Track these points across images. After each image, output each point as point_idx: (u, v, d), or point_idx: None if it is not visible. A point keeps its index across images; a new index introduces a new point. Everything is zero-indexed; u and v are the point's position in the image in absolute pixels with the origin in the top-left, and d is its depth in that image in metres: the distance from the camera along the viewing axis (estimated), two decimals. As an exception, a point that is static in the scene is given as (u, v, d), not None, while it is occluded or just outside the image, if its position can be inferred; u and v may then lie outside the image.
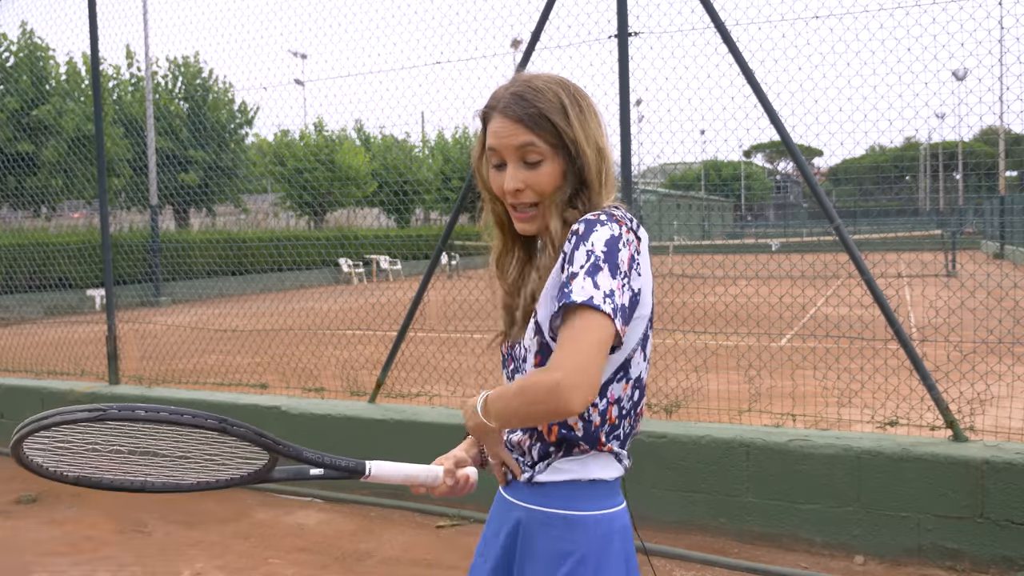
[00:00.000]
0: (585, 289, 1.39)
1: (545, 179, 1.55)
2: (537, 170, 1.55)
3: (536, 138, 1.53)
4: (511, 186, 1.55)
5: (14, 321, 10.89)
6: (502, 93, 1.58)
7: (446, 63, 5.73)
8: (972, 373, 5.13)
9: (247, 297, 12.02)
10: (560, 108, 1.54)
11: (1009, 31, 4.49)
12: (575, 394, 1.36)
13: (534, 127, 1.53)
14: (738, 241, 27.52)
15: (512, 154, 1.55)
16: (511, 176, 1.56)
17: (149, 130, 18.81)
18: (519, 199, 1.56)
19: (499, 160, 1.58)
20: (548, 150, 1.54)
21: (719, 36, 4.35)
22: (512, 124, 1.54)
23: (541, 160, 1.54)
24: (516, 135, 1.54)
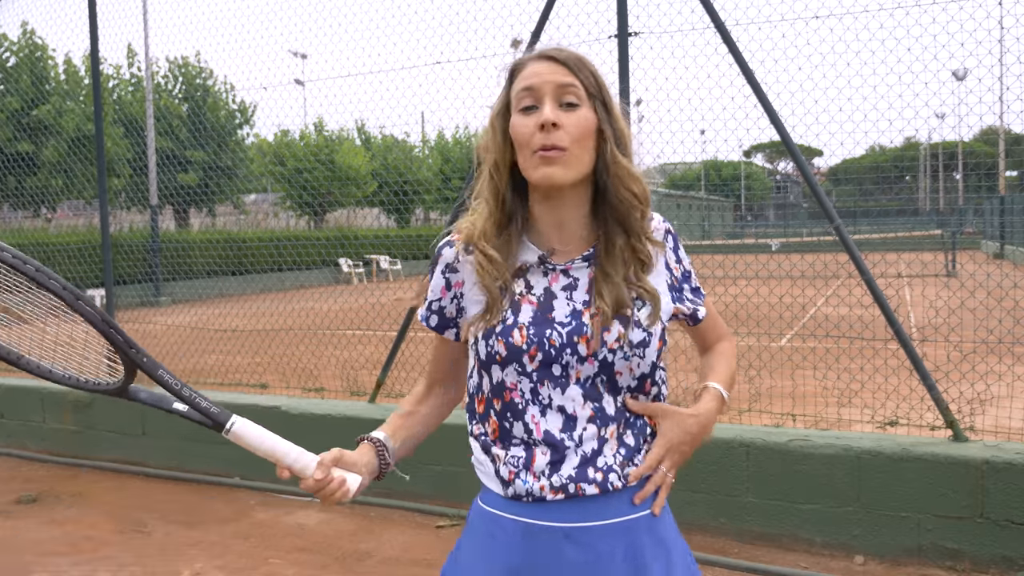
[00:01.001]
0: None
1: (581, 122, 1.48)
2: (574, 113, 1.48)
3: (577, 81, 1.49)
4: (549, 116, 1.46)
5: (14, 321, 10.87)
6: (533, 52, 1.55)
7: (446, 63, 5.73)
8: (972, 373, 5.13)
9: (247, 297, 12.01)
10: (595, 66, 1.54)
11: (1009, 31, 4.49)
12: None
13: (576, 71, 1.50)
14: (738, 241, 27.53)
15: (552, 92, 1.48)
16: (550, 108, 1.47)
17: (149, 130, 18.80)
18: (551, 138, 1.46)
19: (533, 101, 1.49)
20: (586, 97, 1.50)
21: (719, 36, 4.35)
22: (555, 64, 1.50)
23: (579, 105, 1.49)
24: (558, 74, 1.49)
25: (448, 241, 1.63)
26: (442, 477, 4.87)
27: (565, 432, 1.47)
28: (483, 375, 1.54)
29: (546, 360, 1.48)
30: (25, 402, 6.57)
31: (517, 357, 1.48)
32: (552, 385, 1.48)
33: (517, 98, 1.51)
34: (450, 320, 1.63)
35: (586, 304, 1.51)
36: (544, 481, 1.47)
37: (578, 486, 1.46)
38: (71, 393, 6.31)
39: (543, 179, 1.48)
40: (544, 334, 1.48)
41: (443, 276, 1.61)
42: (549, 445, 1.48)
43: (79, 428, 6.27)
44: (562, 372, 1.48)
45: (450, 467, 4.85)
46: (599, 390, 1.49)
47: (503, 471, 1.51)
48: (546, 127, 1.46)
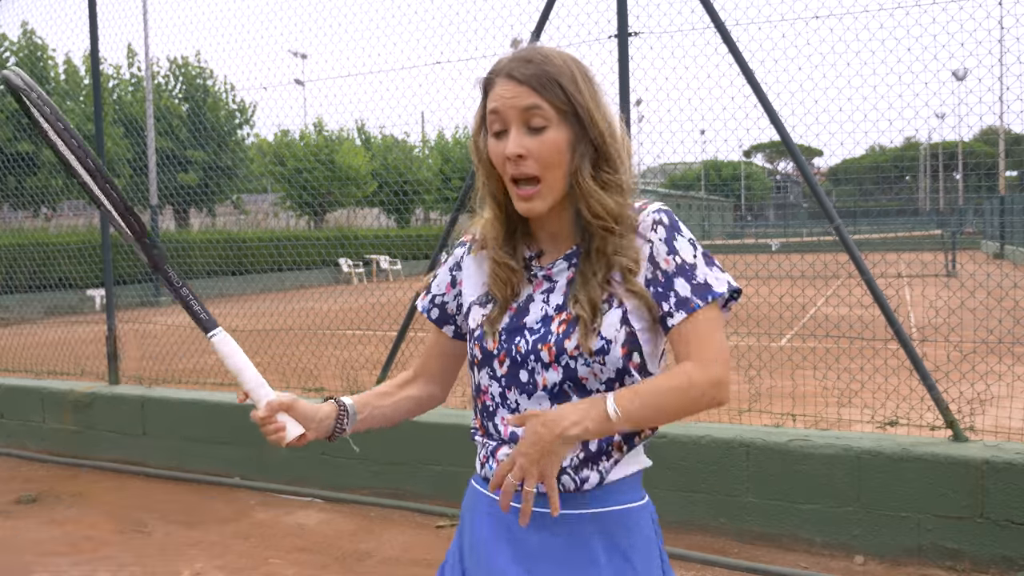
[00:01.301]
0: (720, 279, 1.46)
1: (548, 147, 1.44)
2: (541, 136, 1.44)
3: (543, 101, 1.43)
4: (513, 150, 1.43)
5: (14, 321, 10.89)
6: (505, 60, 1.49)
7: (446, 63, 5.73)
8: (972, 373, 5.13)
9: (247, 297, 12.00)
10: (570, 73, 1.46)
11: (1009, 31, 4.49)
12: (729, 386, 1.43)
13: (541, 90, 1.43)
14: (738, 241, 27.52)
15: (516, 117, 1.44)
16: (513, 140, 1.44)
17: (149, 130, 18.80)
18: (520, 168, 1.44)
19: (501, 126, 1.46)
20: (554, 116, 1.44)
21: (719, 36, 4.35)
22: (517, 86, 1.44)
23: (546, 126, 1.44)
24: (521, 97, 1.43)
25: (461, 241, 1.70)
26: (442, 477, 4.87)
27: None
28: (472, 374, 1.61)
29: (513, 366, 1.51)
30: (25, 402, 6.57)
31: (489, 362, 1.54)
32: (519, 391, 1.51)
33: (488, 120, 1.49)
34: (450, 316, 1.68)
35: (558, 309, 1.50)
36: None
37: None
38: (71, 393, 6.32)
39: (524, 213, 1.50)
40: (513, 340, 1.51)
41: (450, 273, 1.68)
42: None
43: (79, 428, 6.27)
44: (529, 378, 1.50)
45: (450, 467, 4.85)
46: (569, 395, 1.48)
47: (480, 453, 1.62)
48: (512, 159, 1.45)
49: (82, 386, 6.47)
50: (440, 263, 1.72)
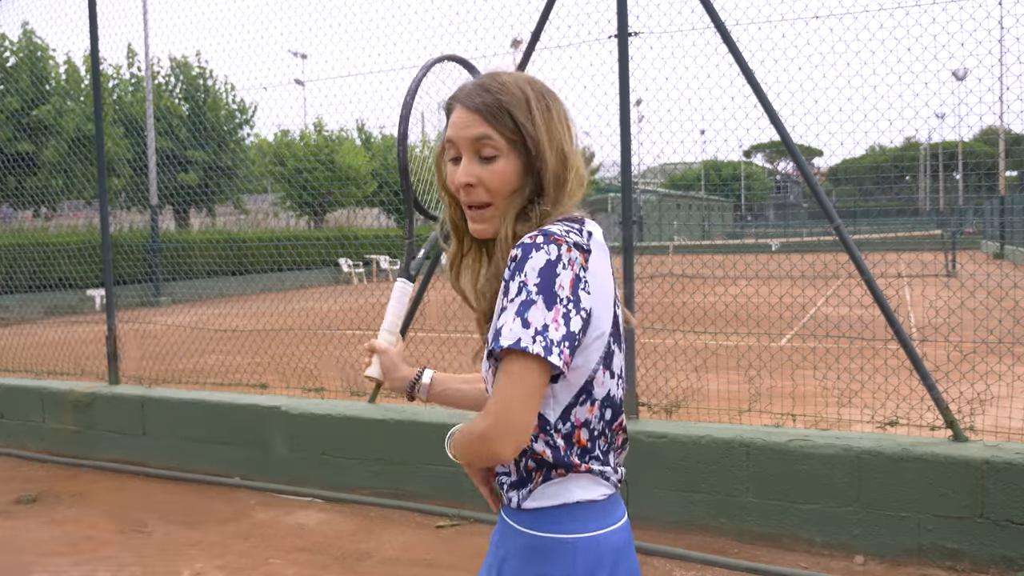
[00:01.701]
0: (513, 331, 1.35)
1: (498, 177, 1.47)
2: (491, 166, 1.47)
3: (493, 131, 1.46)
4: (462, 179, 1.48)
5: (14, 321, 10.89)
6: (465, 85, 1.53)
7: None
8: (972, 373, 5.13)
9: (247, 297, 12.01)
10: (523, 103, 1.47)
11: (1009, 31, 4.49)
12: (503, 441, 1.36)
13: (492, 120, 1.46)
14: (738, 241, 27.51)
15: (467, 147, 1.48)
16: (463, 169, 1.49)
17: (149, 130, 18.81)
18: (470, 196, 1.49)
19: (456, 153, 1.51)
20: (505, 146, 1.47)
21: (719, 36, 4.35)
22: (470, 115, 1.48)
23: (496, 156, 1.47)
24: (472, 127, 1.47)
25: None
26: (442, 477, 4.87)
27: None
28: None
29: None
30: (25, 402, 6.57)
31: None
32: None
33: (446, 146, 1.54)
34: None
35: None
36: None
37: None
38: (71, 393, 6.32)
39: (474, 234, 1.55)
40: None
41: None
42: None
43: (79, 428, 6.27)
44: None
45: (451, 467, 4.85)
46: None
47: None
48: (461, 188, 1.50)
49: (82, 386, 6.47)
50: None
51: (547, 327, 1.34)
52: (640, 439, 4.39)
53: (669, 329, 6.14)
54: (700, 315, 6.41)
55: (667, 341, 7.50)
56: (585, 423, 1.47)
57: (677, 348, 7.03)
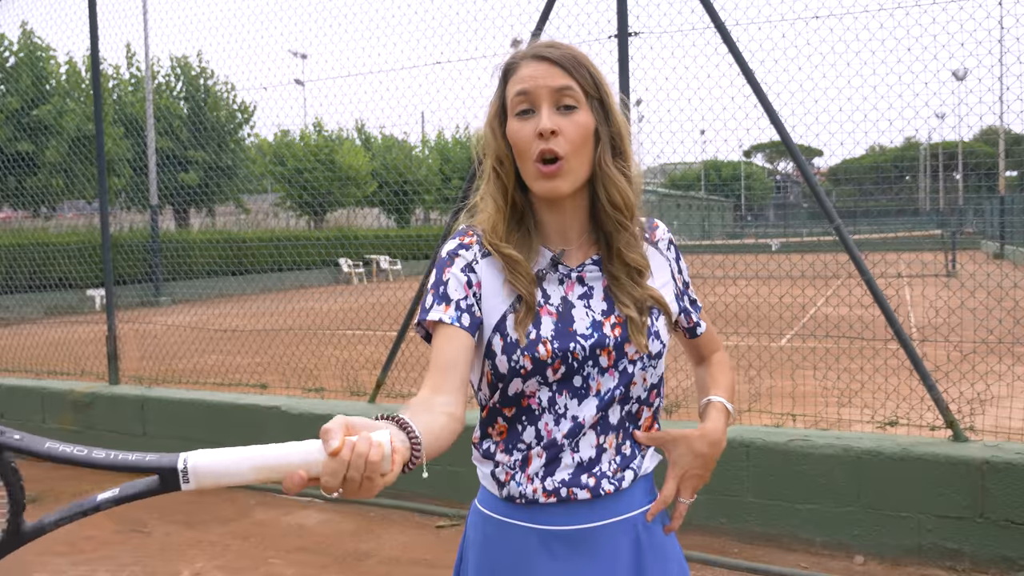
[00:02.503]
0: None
1: (580, 128, 1.43)
2: (572, 117, 1.43)
3: (574, 83, 1.43)
4: (547, 124, 1.41)
5: (14, 321, 10.89)
6: (528, 48, 1.49)
7: (446, 63, 5.74)
8: (972, 373, 5.13)
9: (247, 297, 12.01)
10: (591, 63, 1.48)
11: (1009, 31, 4.49)
12: None
13: (572, 71, 1.44)
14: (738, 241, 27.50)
15: (548, 96, 1.43)
16: (547, 116, 1.42)
17: (149, 130, 18.81)
18: (550, 144, 1.41)
19: (529, 105, 1.44)
20: (583, 99, 1.44)
21: (719, 36, 4.35)
22: (550, 66, 1.44)
23: (576, 107, 1.44)
24: (554, 76, 1.43)
25: (462, 243, 1.53)
26: (442, 477, 4.87)
27: (568, 438, 1.46)
28: (497, 387, 1.49)
29: (568, 372, 1.46)
30: (25, 402, 6.57)
31: (541, 371, 1.45)
32: (570, 395, 1.47)
33: (513, 102, 1.47)
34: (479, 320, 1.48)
35: (605, 313, 1.49)
36: (537, 484, 1.46)
37: (570, 491, 1.46)
38: (71, 393, 6.32)
39: (545, 193, 1.46)
40: (568, 347, 1.45)
41: (464, 274, 1.49)
42: (547, 448, 1.46)
43: (79, 428, 6.27)
44: (583, 384, 1.47)
45: (450, 467, 4.85)
46: (613, 401, 1.49)
47: (499, 473, 1.50)
48: (544, 135, 1.42)
49: (82, 386, 6.47)
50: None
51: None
52: (640, 439, 4.39)
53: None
54: (700, 315, 6.40)
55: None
56: None
57: (677, 348, 7.03)
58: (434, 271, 1.51)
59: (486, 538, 1.53)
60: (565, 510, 1.47)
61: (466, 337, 1.45)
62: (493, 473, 1.51)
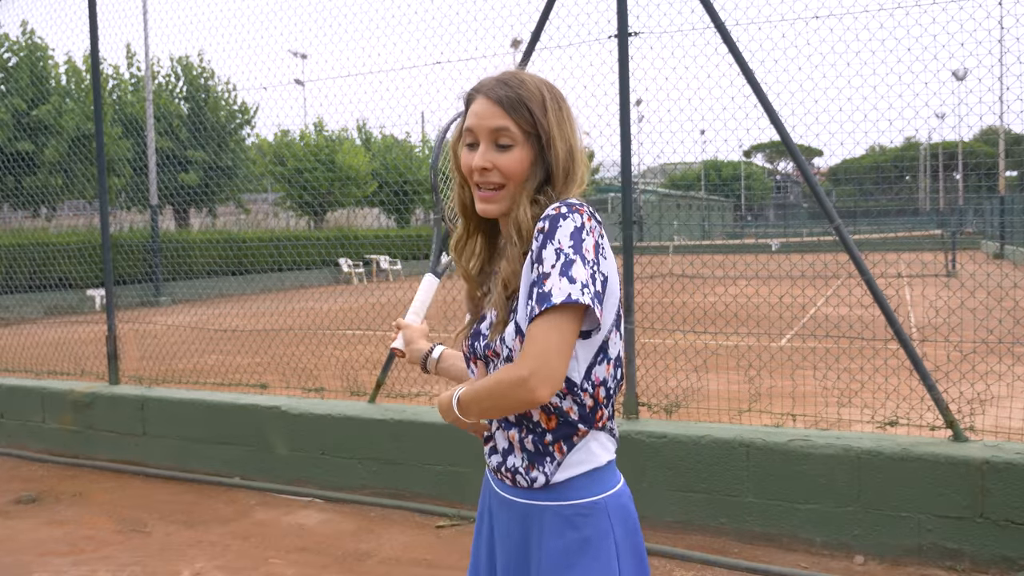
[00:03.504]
0: (563, 289, 1.48)
1: (513, 163, 1.62)
2: (507, 153, 1.62)
3: (511, 123, 1.61)
4: (479, 163, 1.62)
5: (14, 321, 10.89)
6: (488, 79, 1.67)
7: (446, 63, 5.73)
8: (972, 373, 5.13)
9: (247, 297, 12.01)
10: (540, 100, 1.62)
11: (1009, 31, 4.49)
12: (543, 386, 1.48)
13: (511, 112, 1.61)
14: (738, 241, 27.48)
15: (486, 135, 1.63)
16: (481, 154, 1.63)
17: (149, 130, 18.81)
18: (485, 178, 1.63)
19: (473, 140, 1.65)
20: (520, 136, 1.62)
21: (719, 36, 4.35)
22: (492, 106, 1.62)
23: (512, 145, 1.62)
24: (493, 117, 1.62)
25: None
26: (442, 477, 4.87)
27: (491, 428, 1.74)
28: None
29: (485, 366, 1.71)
30: (25, 402, 6.57)
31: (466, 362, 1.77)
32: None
33: (463, 134, 1.69)
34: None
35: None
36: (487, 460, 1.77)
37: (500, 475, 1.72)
38: (71, 393, 6.32)
39: (481, 212, 1.68)
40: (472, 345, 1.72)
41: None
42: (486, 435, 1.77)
43: (79, 428, 6.27)
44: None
45: (451, 467, 4.85)
46: None
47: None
48: (476, 170, 1.64)
49: (82, 386, 6.47)
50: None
51: (588, 282, 1.49)
52: (640, 439, 4.39)
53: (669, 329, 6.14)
54: (700, 315, 6.41)
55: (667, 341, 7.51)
56: (603, 382, 1.64)
57: (677, 348, 7.03)
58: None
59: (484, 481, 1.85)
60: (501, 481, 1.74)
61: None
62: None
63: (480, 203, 1.67)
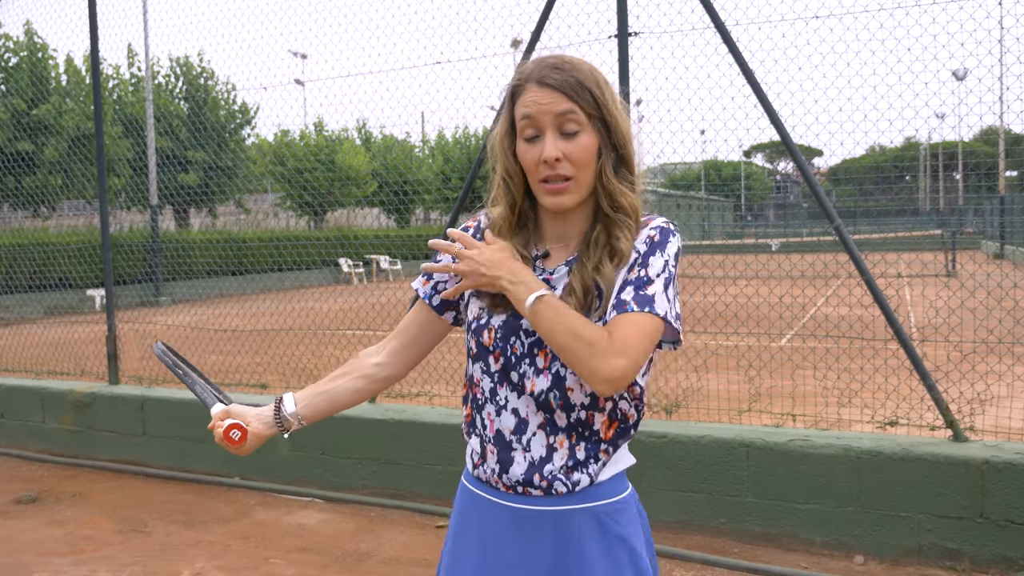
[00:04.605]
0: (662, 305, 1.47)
1: (582, 151, 1.52)
2: (575, 141, 1.51)
3: (575, 106, 1.51)
4: (552, 153, 1.50)
5: (14, 321, 10.89)
6: (534, 67, 1.55)
7: (446, 63, 5.73)
8: (972, 373, 5.13)
9: (247, 297, 12.02)
10: (595, 82, 1.53)
11: (1009, 31, 4.49)
12: (621, 378, 1.43)
13: (573, 95, 1.51)
14: (738, 241, 27.51)
15: (551, 122, 1.51)
16: (551, 144, 1.51)
17: (149, 130, 18.81)
18: (556, 170, 1.51)
19: (535, 131, 1.53)
20: (586, 121, 1.52)
21: (719, 36, 4.35)
22: (552, 92, 1.51)
23: (579, 131, 1.52)
24: (556, 102, 1.51)
25: (465, 226, 1.70)
26: (442, 477, 4.87)
27: (515, 435, 1.57)
28: (468, 363, 1.66)
29: (506, 366, 1.57)
30: (25, 402, 6.57)
31: (484, 357, 1.60)
32: (509, 388, 1.58)
33: (520, 126, 1.55)
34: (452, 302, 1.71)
35: None
36: (495, 478, 1.60)
37: (525, 489, 1.57)
38: (71, 393, 6.32)
39: (553, 207, 1.55)
40: (509, 340, 1.56)
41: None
42: (497, 444, 1.59)
43: (79, 428, 6.27)
44: (519, 380, 1.56)
45: (450, 467, 4.86)
46: (551, 405, 1.55)
47: (472, 457, 1.67)
48: (549, 163, 1.51)
49: (82, 386, 6.47)
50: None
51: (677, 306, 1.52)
52: (640, 439, 4.39)
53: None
54: (700, 315, 6.41)
55: (667, 341, 7.49)
56: (642, 392, 1.60)
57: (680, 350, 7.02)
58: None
59: (463, 507, 1.69)
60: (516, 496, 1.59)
61: (427, 312, 1.72)
62: (470, 454, 1.68)
63: (550, 197, 1.54)
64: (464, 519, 1.68)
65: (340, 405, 1.72)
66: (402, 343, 1.74)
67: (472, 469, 1.67)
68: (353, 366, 1.73)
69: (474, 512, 1.65)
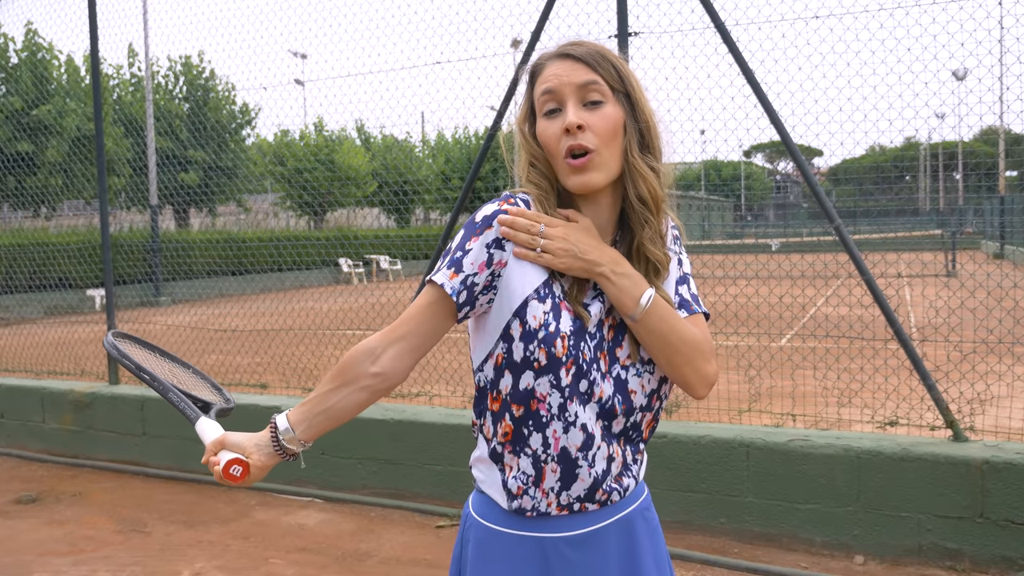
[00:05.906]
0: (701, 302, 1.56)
1: (607, 122, 1.44)
2: (599, 111, 1.44)
3: (599, 77, 1.44)
4: (572, 119, 1.41)
5: (14, 321, 10.89)
6: (551, 49, 1.50)
7: (446, 63, 5.73)
8: (972, 373, 5.13)
9: (247, 297, 12.02)
10: (617, 58, 1.49)
11: (1009, 31, 4.49)
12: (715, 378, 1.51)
13: (596, 66, 1.45)
14: (738, 241, 27.49)
15: (573, 93, 1.44)
16: (572, 111, 1.43)
17: (149, 130, 18.80)
18: (578, 139, 1.42)
19: (556, 103, 1.45)
20: (609, 93, 1.45)
21: (719, 36, 4.35)
22: (574, 63, 1.45)
23: (603, 102, 1.44)
24: (578, 73, 1.44)
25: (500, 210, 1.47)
26: (442, 477, 4.87)
27: (582, 451, 1.44)
28: (507, 375, 1.44)
29: (578, 374, 1.42)
30: (25, 402, 6.57)
31: (555, 369, 1.40)
32: (579, 402, 1.43)
33: (540, 101, 1.48)
34: (474, 299, 1.46)
35: (606, 313, 1.47)
36: (552, 498, 1.46)
37: (583, 505, 1.48)
38: (71, 393, 6.32)
39: (579, 187, 1.45)
40: (579, 347, 1.42)
41: (487, 251, 1.45)
42: (562, 463, 1.45)
43: (79, 428, 6.27)
44: (588, 388, 1.44)
45: (450, 467, 4.85)
46: (615, 411, 1.46)
47: (512, 484, 1.48)
48: (571, 130, 1.42)
49: (82, 386, 6.47)
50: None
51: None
52: (640, 439, 4.38)
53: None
54: (700, 315, 6.40)
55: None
56: None
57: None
58: (462, 232, 1.49)
59: (488, 554, 1.52)
60: (571, 518, 1.49)
61: (447, 309, 1.47)
62: (505, 482, 1.49)
63: (575, 176, 1.43)
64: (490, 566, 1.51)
65: (341, 421, 1.55)
66: (410, 346, 1.49)
67: (509, 502, 1.49)
68: (352, 374, 1.49)
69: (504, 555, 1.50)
